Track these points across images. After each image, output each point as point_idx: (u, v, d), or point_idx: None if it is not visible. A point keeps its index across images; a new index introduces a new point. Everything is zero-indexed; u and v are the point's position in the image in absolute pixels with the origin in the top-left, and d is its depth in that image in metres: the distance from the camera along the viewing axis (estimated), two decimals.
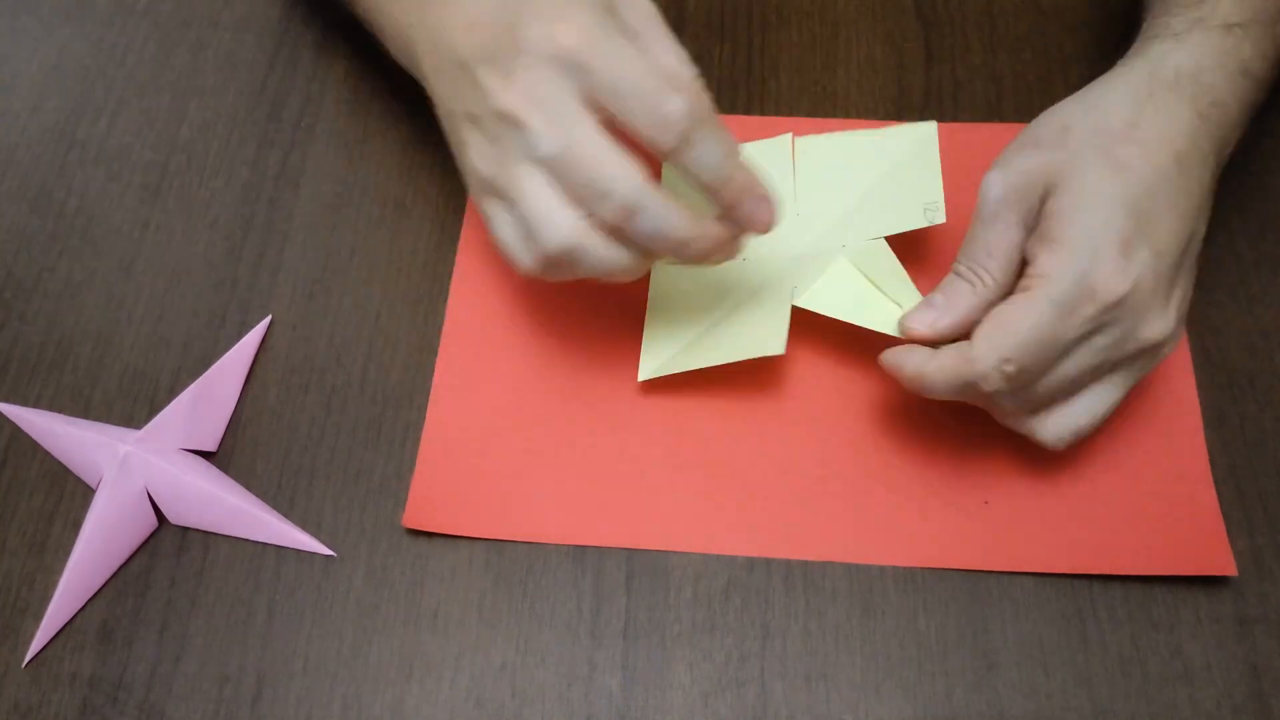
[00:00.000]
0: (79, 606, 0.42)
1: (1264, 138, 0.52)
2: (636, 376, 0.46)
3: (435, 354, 0.47)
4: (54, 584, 0.43)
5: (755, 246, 0.46)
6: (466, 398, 0.46)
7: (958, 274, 0.40)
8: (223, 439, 0.46)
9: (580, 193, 0.37)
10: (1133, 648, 0.41)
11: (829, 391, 0.46)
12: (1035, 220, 0.40)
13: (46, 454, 0.46)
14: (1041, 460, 0.44)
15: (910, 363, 0.40)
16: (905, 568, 0.42)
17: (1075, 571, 0.42)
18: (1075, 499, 0.43)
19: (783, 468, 0.44)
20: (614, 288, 0.48)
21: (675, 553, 0.43)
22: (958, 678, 0.41)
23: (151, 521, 0.44)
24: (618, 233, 0.38)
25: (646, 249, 0.39)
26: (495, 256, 0.49)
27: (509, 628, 0.42)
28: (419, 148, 0.53)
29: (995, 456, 0.44)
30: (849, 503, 0.43)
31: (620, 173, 0.37)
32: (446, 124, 0.42)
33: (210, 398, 0.46)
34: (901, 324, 0.41)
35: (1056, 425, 0.41)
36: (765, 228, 0.40)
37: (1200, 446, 0.44)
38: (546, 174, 0.38)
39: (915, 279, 0.44)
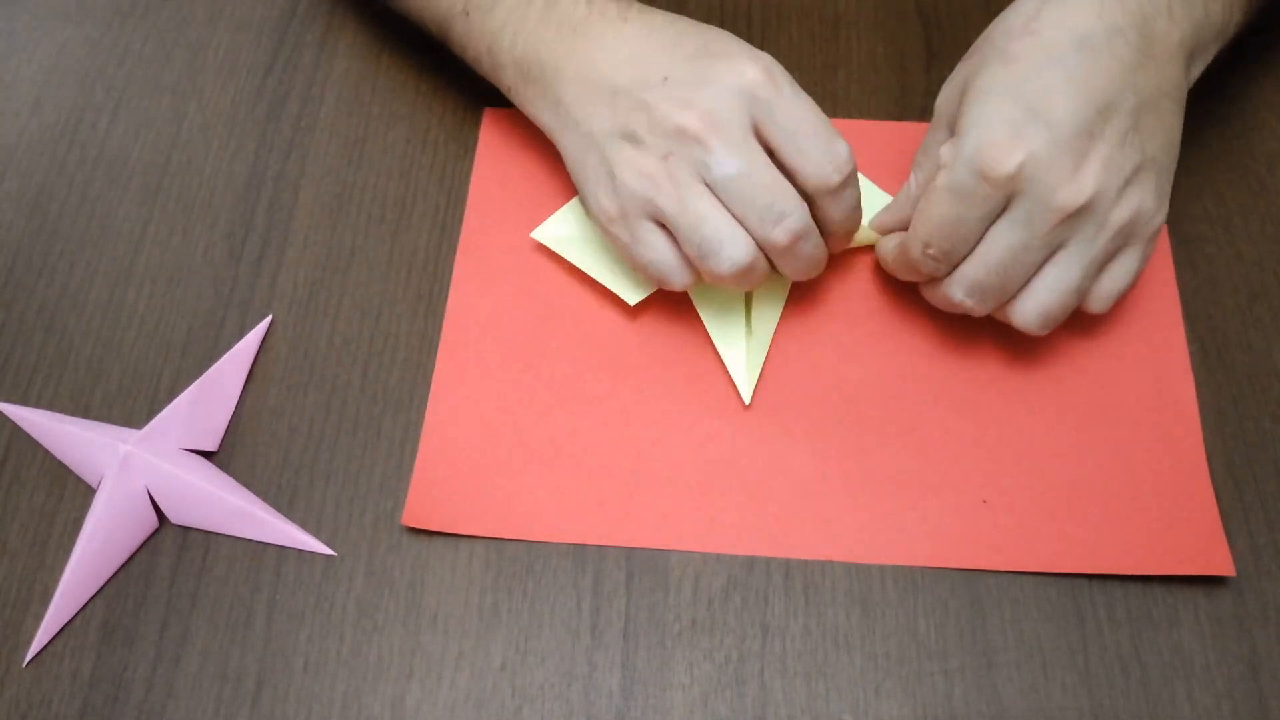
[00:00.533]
0: (79, 606, 0.42)
1: (1264, 137, 0.52)
2: (638, 373, 0.46)
3: (435, 354, 0.47)
4: (54, 584, 0.43)
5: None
6: (466, 397, 0.46)
7: (907, 182, 0.46)
8: (223, 439, 0.46)
9: (757, 214, 0.41)
10: (1132, 647, 0.41)
11: (828, 391, 0.46)
12: None
13: (47, 454, 0.46)
14: (1040, 460, 0.44)
15: (881, 248, 0.47)
16: (904, 567, 0.42)
17: (1073, 571, 0.42)
18: (1073, 499, 0.43)
19: (782, 467, 0.44)
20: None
21: (675, 552, 0.43)
22: (957, 677, 0.41)
23: (152, 521, 0.44)
24: (776, 251, 0.42)
25: (790, 267, 0.43)
26: (495, 256, 0.49)
27: (509, 627, 0.42)
28: (419, 148, 0.53)
29: (994, 456, 0.44)
30: (848, 502, 0.43)
31: (795, 199, 0.41)
32: (582, 143, 0.44)
33: (210, 398, 0.46)
34: (871, 222, 0.47)
35: (1024, 308, 0.42)
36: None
37: (1198, 447, 0.44)
38: (718, 195, 0.41)
39: None
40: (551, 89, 0.45)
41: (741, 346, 0.46)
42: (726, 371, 0.46)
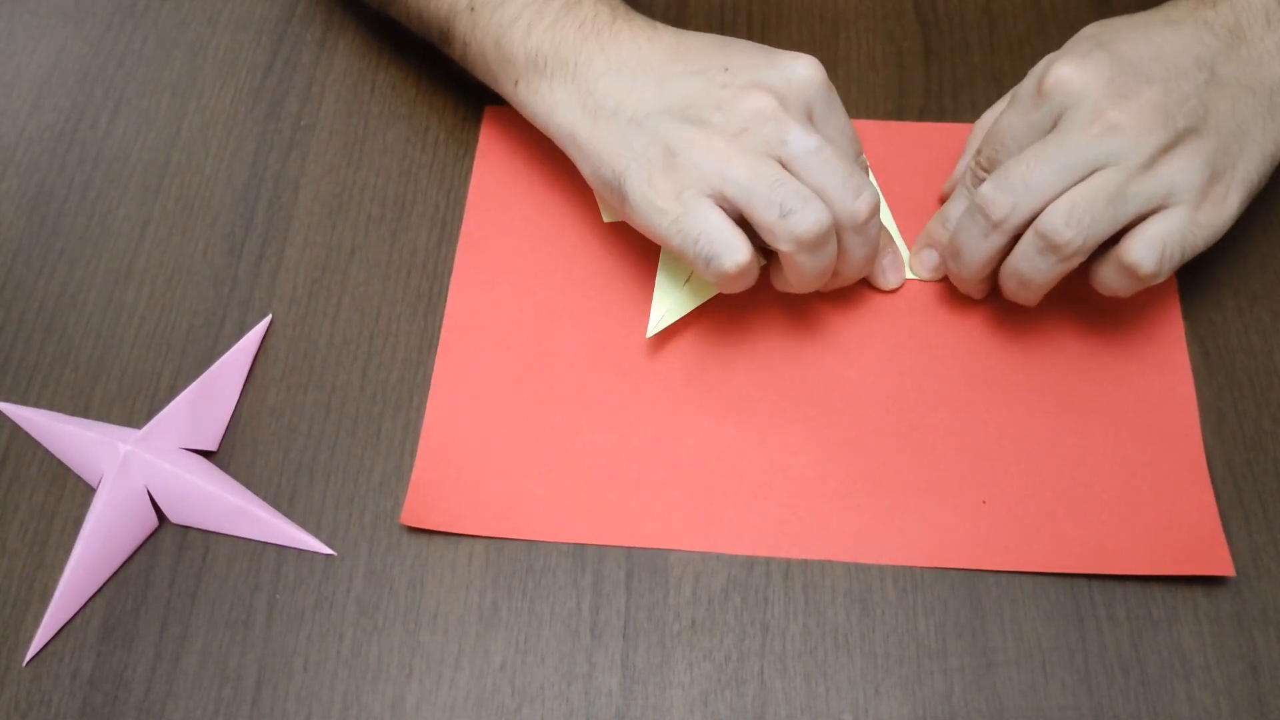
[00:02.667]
0: (79, 605, 0.42)
1: None
2: (638, 373, 0.46)
3: (434, 353, 0.47)
4: (54, 583, 0.43)
5: None
6: (465, 396, 0.46)
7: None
8: (223, 438, 0.46)
9: (838, 183, 0.41)
10: (1131, 646, 0.41)
11: (828, 390, 0.46)
12: None
13: (47, 453, 0.46)
14: (1040, 460, 0.44)
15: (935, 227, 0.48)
16: (904, 567, 0.42)
17: (1072, 571, 0.42)
18: (1073, 499, 0.43)
19: (782, 467, 0.44)
20: (619, 284, 0.48)
21: (675, 552, 0.43)
22: (957, 676, 0.41)
23: (151, 521, 0.44)
24: (854, 223, 0.42)
25: (858, 251, 0.43)
26: (495, 255, 0.49)
27: (509, 627, 0.42)
28: (419, 147, 0.53)
29: (993, 457, 0.44)
30: (848, 502, 0.43)
31: (862, 177, 0.42)
32: (624, 131, 0.43)
33: (210, 397, 0.46)
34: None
35: (1055, 209, 0.40)
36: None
37: (1198, 447, 0.44)
38: (793, 169, 0.41)
39: None
40: (579, 80, 0.44)
41: (676, 294, 0.46)
42: (726, 371, 0.46)
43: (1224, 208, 0.42)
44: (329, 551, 0.43)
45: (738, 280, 0.42)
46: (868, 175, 0.46)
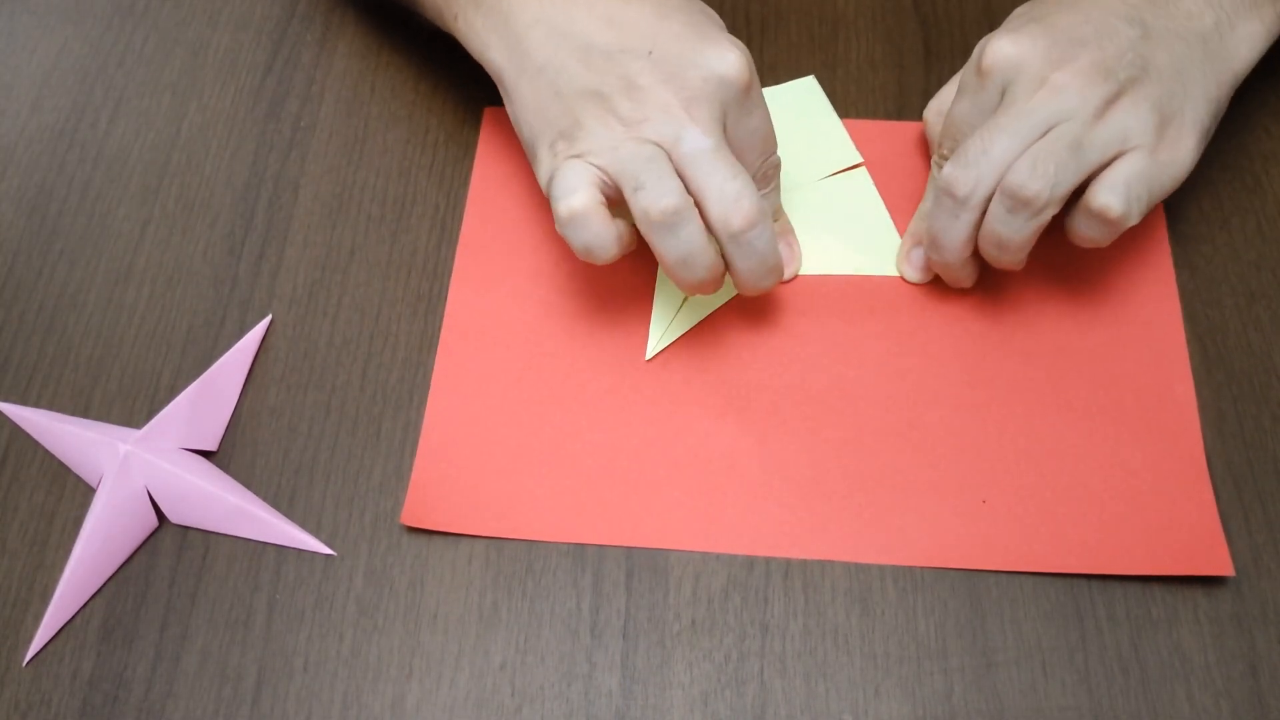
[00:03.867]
0: (79, 606, 0.43)
1: (1259, 137, 0.52)
2: (637, 373, 0.46)
3: (434, 353, 0.47)
4: (54, 583, 0.43)
5: None
6: (465, 396, 0.46)
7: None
8: (223, 438, 0.46)
9: (717, 189, 0.41)
10: (1131, 647, 0.41)
11: (827, 390, 0.46)
12: None
13: (47, 453, 0.46)
14: (1039, 460, 0.44)
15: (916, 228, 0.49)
16: (904, 567, 0.42)
17: (1072, 571, 0.42)
18: (1073, 499, 0.43)
19: (782, 466, 0.44)
20: (619, 284, 0.48)
21: (675, 551, 0.43)
22: (956, 676, 0.41)
23: (151, 521, 0.44)
24: (730, 235, 0.41)
25: (743, 263, 0.43)
26: (495, 255, 0.49)
27: (509, 627, 0.42)
28: (419, 148, 0.53)
29: (993, 456, 0.44)
30: (848, 502, 0.43)
31: (755, 191, 0.41)
32: (545, 95, 0.43)
33: (210, 397, 0.46)
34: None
35: (1020, 165, 0.41)
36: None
37: (1198, 447, 0.44)
38: (681, 170, 0.41)
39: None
40: (510, 26, 0.44)
41: (671, 312, 0.47)
42: (726, 370, 0.46)
43: (1180, 148, 0.43)
44: (329, 551, 0.43)
45: (581, 233, 0.41)
46: (775, 177, 0.46)
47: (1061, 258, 0.48)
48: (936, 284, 0.48)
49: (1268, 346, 0.47)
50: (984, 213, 0.43)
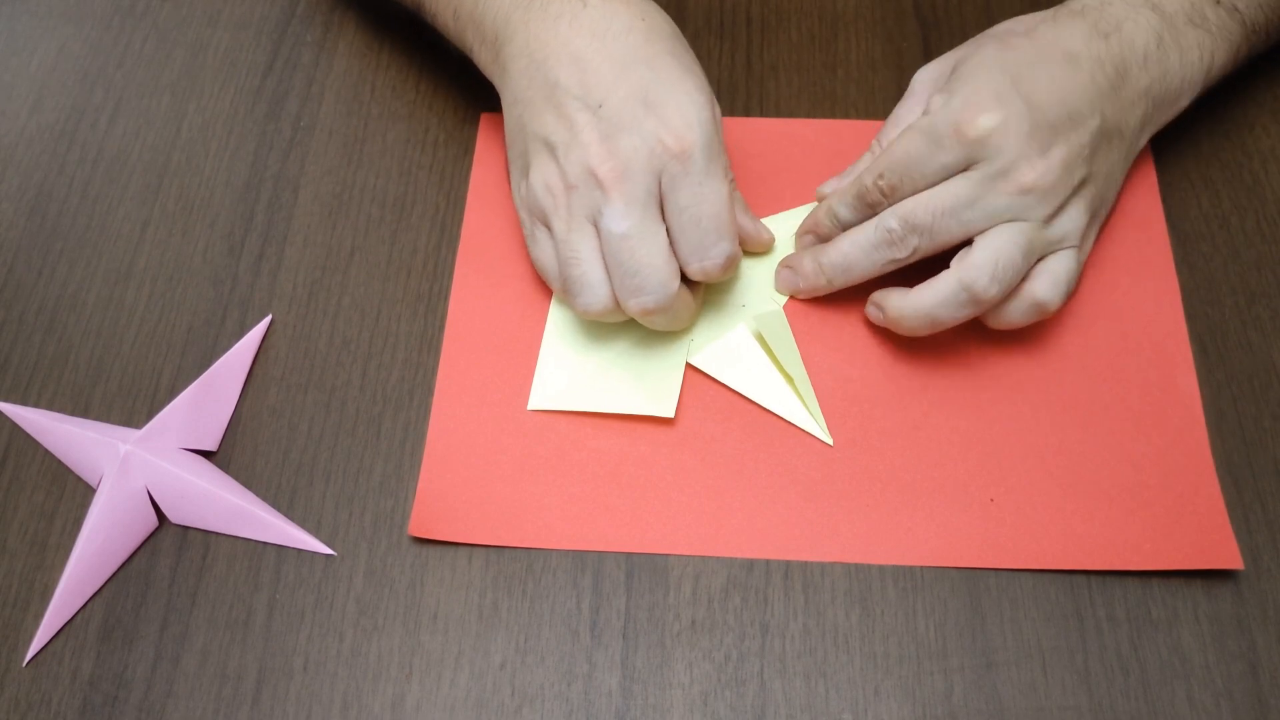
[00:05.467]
0: (79, 605, 0.42)
1: (1258, 136, 0.52)
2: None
3: (435, 353, 0.47)
4: (54, 583, 0.43)
5: None
6: (469, 405, 0.46)
7: (871, 148, 0.49)
8: (223, 438, 0.46)
9: (621, 277, 0.42)
10: (1131, 647, 0.41)
11: (831, 392, 0.46)
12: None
13: (47, 453, 0.46)
14: (1045, 458, 0.44)
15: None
16: (904, 567, 0.42)
17: (1080, 568, 0.42)
18: (1080, 496, 0.43)
19: (789, 469, 0.44)
20: None
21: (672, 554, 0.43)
22: (956, 676, 0.41)
23: (151, 521, 0.44)
24: (628, 312, 0.43)
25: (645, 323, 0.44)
26: (494, 263, 0.49)
27: (509, 627, 0.42)
28: (419, 148, 0.53)
29: (999, 455, 0.44)
30: (855, 503, 0.43)
31: (660, 279, 0.42)
32: (515, 125, 0.45)
33: (210, 397, 0.46)
34: (821, 188, 0.49)
35: (976, 257, 0.42)
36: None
37: (1203, 441, 0.44)
38: (600, 240, 0.42)
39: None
40: (500, 56, 0.45)
41: (793, 401, 0.45)
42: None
43: (1088, 245, 0.46)
44: (329, 551, 0.43)
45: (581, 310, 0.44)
46: (713, 248, 0.42)
47: None
48: None
49: (1268, 346, 0.47)
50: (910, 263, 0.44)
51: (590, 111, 0.42)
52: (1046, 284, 0.43)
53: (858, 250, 0.45)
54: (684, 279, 0.43)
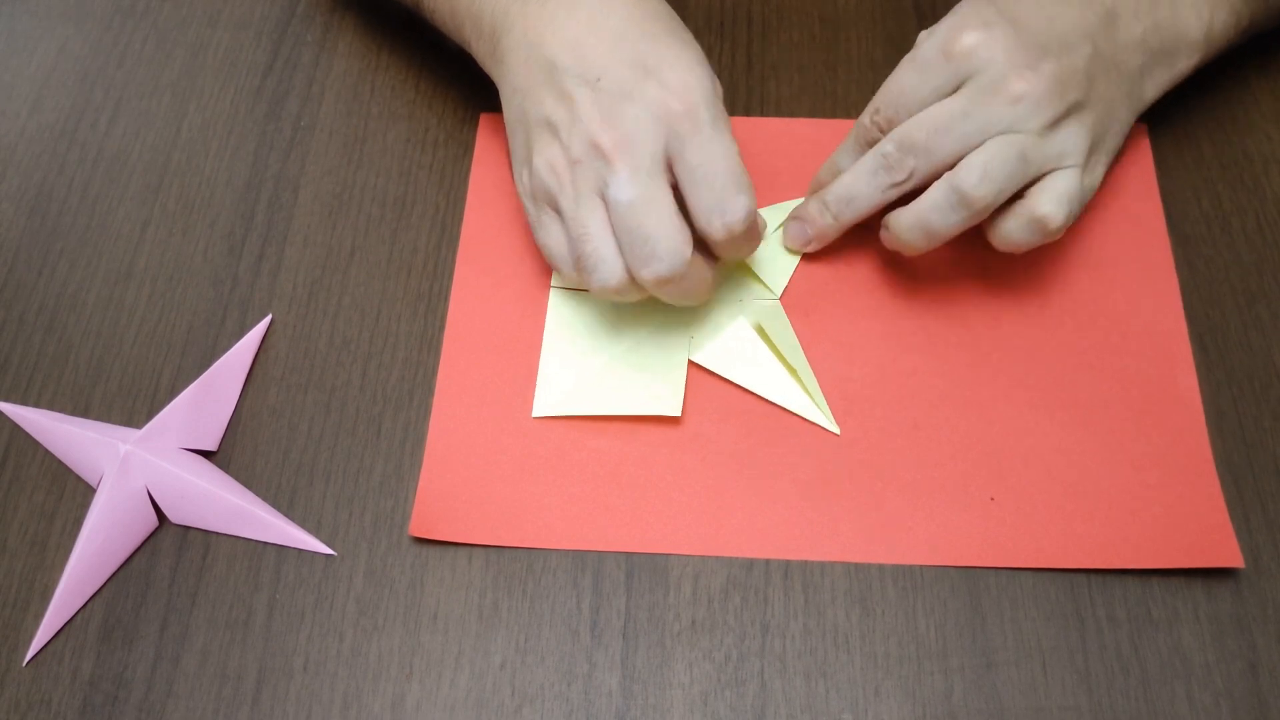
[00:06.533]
0: (79, 605, 0.42)
1: (1258, 139, 0.52)
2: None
3: (435, 353, 0.47)
4: (54, 583, 0.43)
5: None
6: (469, 406, 0.46)
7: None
8: (223, 438, 0.46)
9: (632, 246, 0.41)
10: (1131, 646, 0.41)
11: (830, 391, 0.46)
12: None
13: (47, 453, 0.46)
14: (1046, 456, 0.44)
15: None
16: (904, 567, 0.42)
17: (1081, 567, 0.42)
18: (1080, 494, 0.43)
19: (790, 469, 0.44)
20: None
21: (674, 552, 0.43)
22: (957, 676, 0.41)
23: (152, 521, 0.44)
24: (643, 284, 0.42)
25: (661, 297, 0.43)
26: (494, 264, 0.49)
27: (509, 627, 0.42)
28: (419, 148, 0.53)
29: (1000, 453, 0.44)
30: (855, 503, 0.43)
31: (671, 244, 0.41)
32: (515, 114, 0.45)
33: (210, 397, 0.46)
34: (827, 166, 0.48)
35: (968, 165, 0.42)
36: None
37: (1203, 440, 0.44)
38: (609, 212, 0.41)
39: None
40: (498, 48, 0.45)
41: (798, 391, 0.46)
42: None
43: (1095, 175, 0.46)
44: (329, 551, 0.43)
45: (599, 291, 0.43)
46: (732, 201, 0.41)
47: (1063, 258, 0.48)
48: (940, 282, 0.48)
49: (1268, 346, 0.47)
50: (910, 191, 0.44)
51: (589, 86, 0.42)
52: (1048, 199, 0.43)
53: (857, 179, 0.45)
54: (699, 250, 0.43)
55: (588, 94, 0.41)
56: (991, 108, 0.42)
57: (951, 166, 0.43)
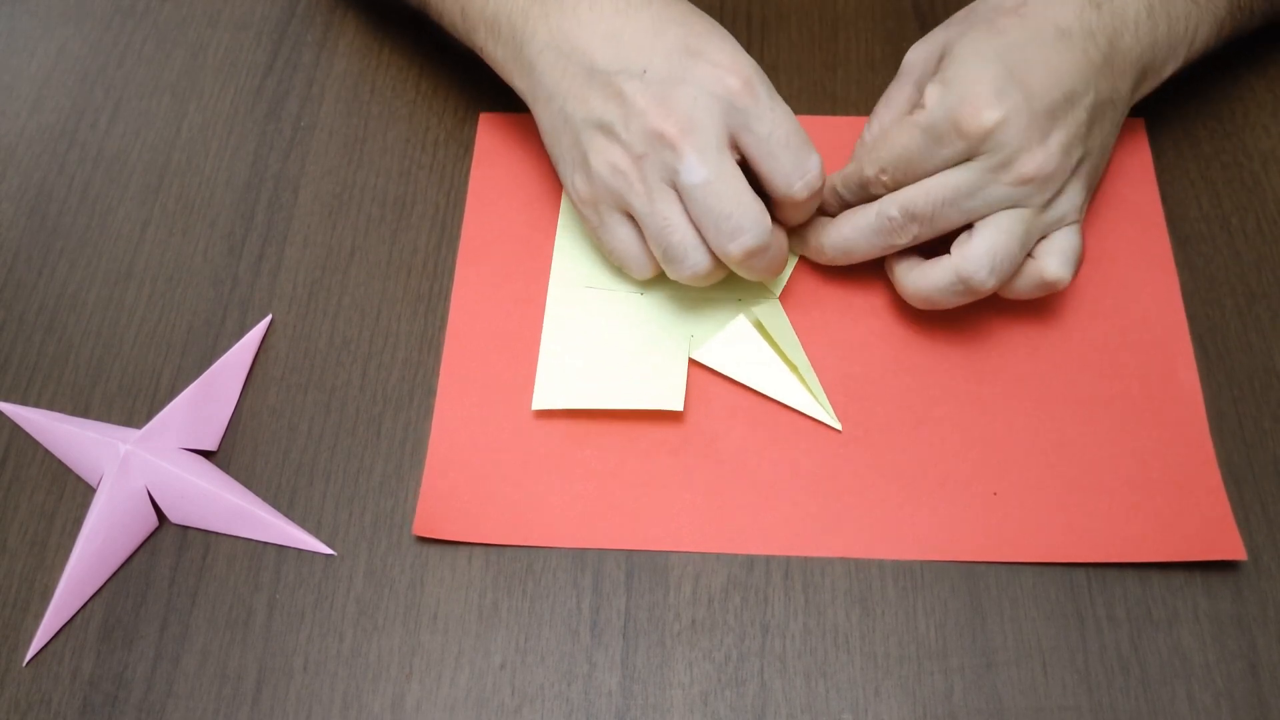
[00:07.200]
0: (79, 605, 0.43)
1: (1258, 136, 0.52)
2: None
3: (435, 353, 0.47)
4: (54, 583, 0.43)
5: (653, 281, 0.47)
6: (471, 405, 0.46)
7: (864, 131, 0.49)
8: (223, 438, 0.46)
9: (714, 224, 0.41)
10: (1131, 646, 0.41)
11: (834, 388, 0.46)
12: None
13: (47, 453, 0.46)
14: (1049, 451, 0.44)
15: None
16: (905, 565, 0.42)
17: (1083, 560, 0.42)
18: (1082, 488, 0.43)
19: (792, 466, 0.44)
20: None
21: (675, 551, 0.43)
22: (957, 676, 0.41)
23: (151, 521, 0.44)
24: (730, 262, 0.42)
25: (746, 274, 0.43)
26: (495, 264, 0.49)
27: (509, 627, 0.42)
28: (419, 148, 0.53)
29: (1002, 449, 0.44)
30: (858, 499, 0.43)
31: (753, 215, 0.41)
32: (556, 120, 0.44)
33: (210, 397, 0.46)
34: (832, 177, 0.47)
35: (974, 246, 0.43)
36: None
37: (1204, 433, 0.44)
38: (683, 200, 0.41)
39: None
40: (523, 54, 0.45)
41: (799, 388, 0.46)
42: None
43: (1083, 213, 0.45)
44: (329, 551, 0.43)
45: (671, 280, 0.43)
46: (807, 160, 0.42)
47: None
48: None
49: (1268, 346, 0.47)
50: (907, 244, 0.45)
51: (636, 79, 0.41)
52: (1056, 263, 0.44)
53: (858, 235, 0.45)
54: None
55: (637, 86, 0.41)
56: (1001, 187, 0.42)
57: (954, 232, 0.44)
